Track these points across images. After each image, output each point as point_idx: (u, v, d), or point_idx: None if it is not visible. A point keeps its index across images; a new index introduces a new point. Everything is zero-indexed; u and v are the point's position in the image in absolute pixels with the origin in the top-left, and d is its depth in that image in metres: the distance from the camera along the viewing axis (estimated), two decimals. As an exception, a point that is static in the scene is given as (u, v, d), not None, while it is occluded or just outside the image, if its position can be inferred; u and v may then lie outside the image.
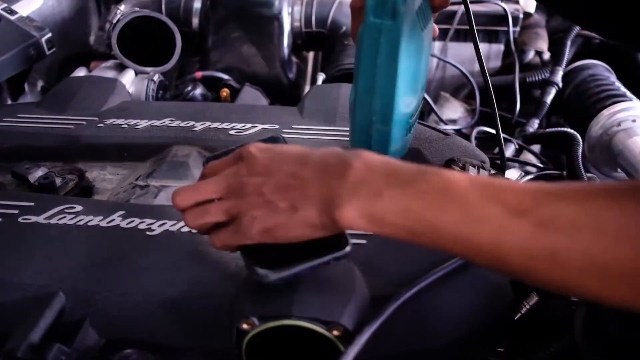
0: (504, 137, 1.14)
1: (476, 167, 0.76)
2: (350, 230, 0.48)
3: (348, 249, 0.50)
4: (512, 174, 1.09)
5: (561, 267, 0.39)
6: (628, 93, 1.18)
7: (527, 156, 1.20)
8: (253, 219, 0.48)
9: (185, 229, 0.63)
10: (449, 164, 0.77)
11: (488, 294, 0.58)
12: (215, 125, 0.85)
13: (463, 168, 0.75)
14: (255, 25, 1.20)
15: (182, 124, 0.85)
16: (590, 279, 0.39)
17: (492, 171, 0.79)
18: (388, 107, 0.58)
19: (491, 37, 1.41)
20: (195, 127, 0.85)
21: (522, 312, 0.64)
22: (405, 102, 0.59)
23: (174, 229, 0.63)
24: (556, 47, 1.35)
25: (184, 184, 0.75)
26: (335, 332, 0.49)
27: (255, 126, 0.85)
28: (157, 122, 0.86)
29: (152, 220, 0.64)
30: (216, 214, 0.51)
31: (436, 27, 0.70)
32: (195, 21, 1.23)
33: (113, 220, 0.64)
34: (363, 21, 0.56)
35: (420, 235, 0.44)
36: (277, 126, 0.85)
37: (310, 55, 1.40)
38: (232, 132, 0.83)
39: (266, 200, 0.48)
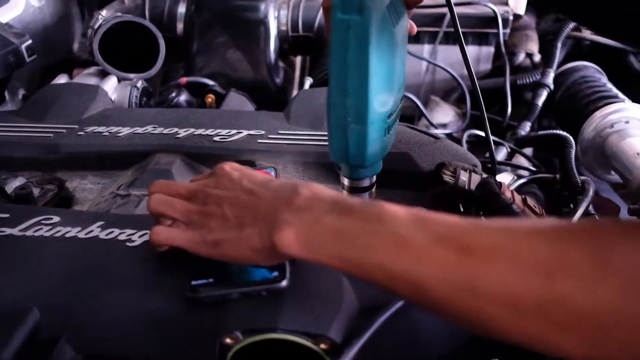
0: (495, 141, 1.13)
1: (467, 170, 0.75)
2: (287, 257, 0.48)
3: (284, 283, 0.51)
4: (505, 177, 1.08)
5: (478, 296, 0.38)
6: (620, 94, 1.17)
7: (520, 159, 1.19)
8: (207, 230, 0.51)
9: (167, 239, 0.61)
10: (439, 168, 0.75)
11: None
12: (199, 131, 0.83)
13: (454, 172, 0.74)
14: (241, 30, 1.18)
15: (165, 131, 0.83)
16: (504, 310, 0.38)
17: (484, 175, 0.77)
18: (362, 106, 0.56)
19: (481, 40, 1.40)
20: (179, 134, 0.83)
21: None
22: (381, 101, 0.57)
23: (155, 239, 0.61)
24: (547, 49, 1.34)
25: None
26: (322, 346, 0.47)
27: (241, 132, 0.83)
28: (139, 130, 0.84)
29: (133, 231, 0.62)
30: (177, 210, 0.54)
31: (414, 25, 0.68)
32: (180, 26, 1.22)
33: (92, 231, 0.62)
34: (331, 19, 0.54)
35: (349, 262, 0.43)
36: (263, 132, 0.83)
37: (298, 59, 1.39)
38: (216, 138, 0.82)
39: (222, 213, 0.51)
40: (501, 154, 1.11)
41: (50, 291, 0.55)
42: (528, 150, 1.25)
